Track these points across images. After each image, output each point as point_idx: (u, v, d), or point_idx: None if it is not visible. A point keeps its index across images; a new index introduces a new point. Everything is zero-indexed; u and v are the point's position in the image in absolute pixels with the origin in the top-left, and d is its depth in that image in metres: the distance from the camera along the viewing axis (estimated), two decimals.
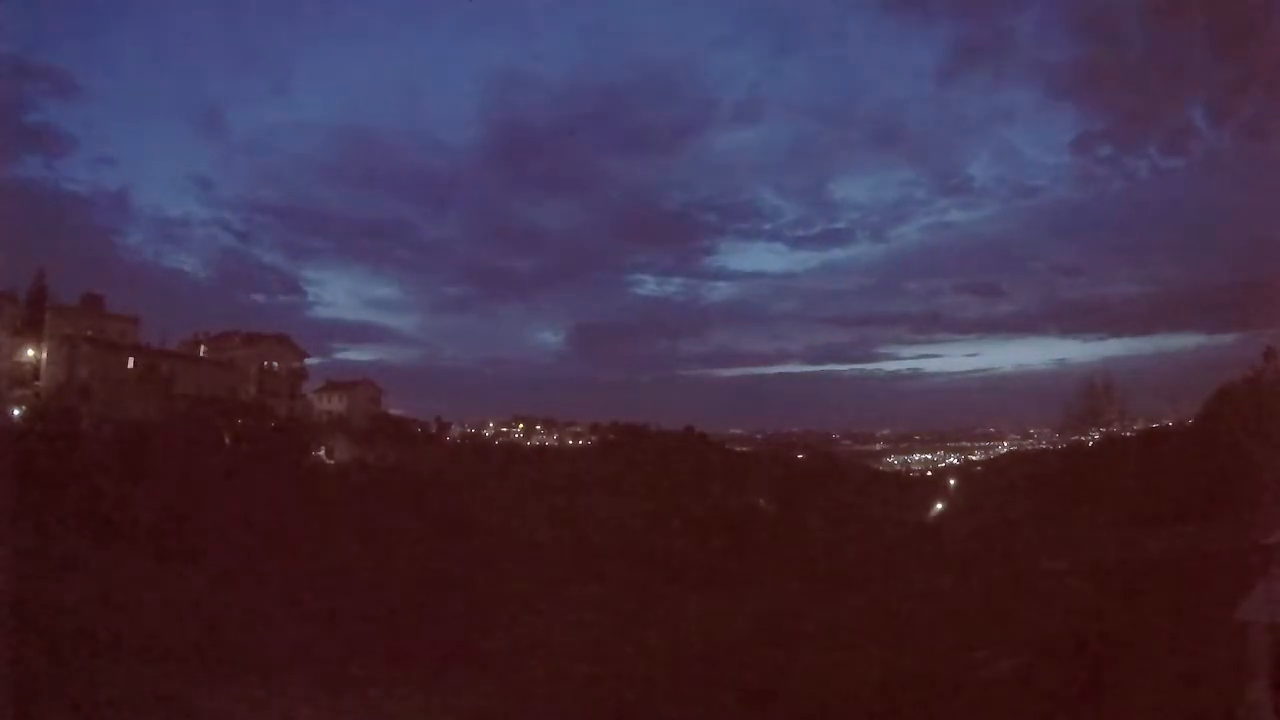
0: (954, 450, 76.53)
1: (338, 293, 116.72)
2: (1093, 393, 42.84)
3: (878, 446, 79.60)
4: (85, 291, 45.42)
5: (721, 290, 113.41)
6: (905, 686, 16.56)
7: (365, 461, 44.87)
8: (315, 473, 40.96)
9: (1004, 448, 72.69)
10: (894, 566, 31.20)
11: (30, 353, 40.89)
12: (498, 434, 67.54)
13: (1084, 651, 16.69)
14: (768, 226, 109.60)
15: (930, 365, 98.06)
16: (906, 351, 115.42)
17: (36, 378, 40.54)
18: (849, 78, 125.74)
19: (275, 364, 51.71)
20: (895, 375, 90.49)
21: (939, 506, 50.79)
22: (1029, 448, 67.22)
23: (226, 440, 40.57)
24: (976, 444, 76.44)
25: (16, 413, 34.37)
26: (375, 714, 15.87)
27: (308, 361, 54.97)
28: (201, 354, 50.28)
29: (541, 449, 63.53)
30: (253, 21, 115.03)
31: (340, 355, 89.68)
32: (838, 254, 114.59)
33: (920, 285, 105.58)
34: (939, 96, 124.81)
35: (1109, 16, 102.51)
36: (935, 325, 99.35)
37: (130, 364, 42.88)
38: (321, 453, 45.87)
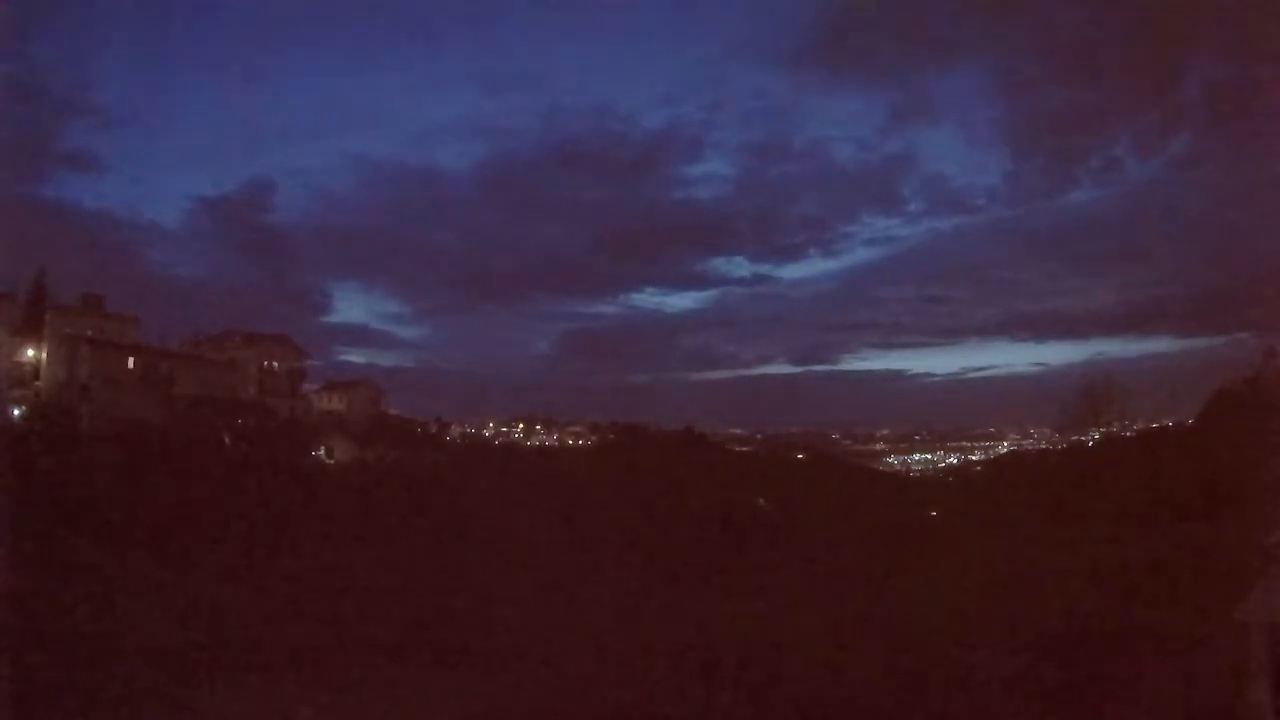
0: (954, 450, 76.63)
1: (344, 301, 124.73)
2: (1093, 393, 42.96)
3: (877, 446, 79.72)
4: (85, 291, 45.43)
5: (693, 298, 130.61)
6: (905, 686, 16.55)
7: (365, 461, 44.87)
8: (315, 473, 40.94)
9: (1004, 448, 72.79)
10: (894, 566, 31.18)
11: (30, 353, 40.88)
12: (498, 434, 67.54)
13: (1084, 651, 16.71)
14: (729, 241, 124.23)
15: (914, 367, 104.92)
16: (880, 356, 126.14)
17: (36, 378, 40.52)
18: (784, 125, 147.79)
19: (275, 364, 51.69)
20: (880, 376, 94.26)
21: (938, 506, 50.79)
22: (1029, 448, 67.33)
23: (226, 440, 40.58)
24: (976, 444, 76.54)
25: (16, 413, 34.36)
26: (375, 713, 15.87)
27: (313, 364, 55.11)
28: (201, 354, 50.26)
29: (541, 449, 63.53)
30: (270, 65, 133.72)
31: (347, 359, 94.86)
32: (795, 267, 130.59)
33: (882, 293, 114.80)
34: (872, 139, 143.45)
35: (1027, 78, 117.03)
36: (900, 330, 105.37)
37: (130, 364, 42.85)
38: (321, 453, 45.88)
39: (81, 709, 12.45)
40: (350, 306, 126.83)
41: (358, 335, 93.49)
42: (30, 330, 41.05)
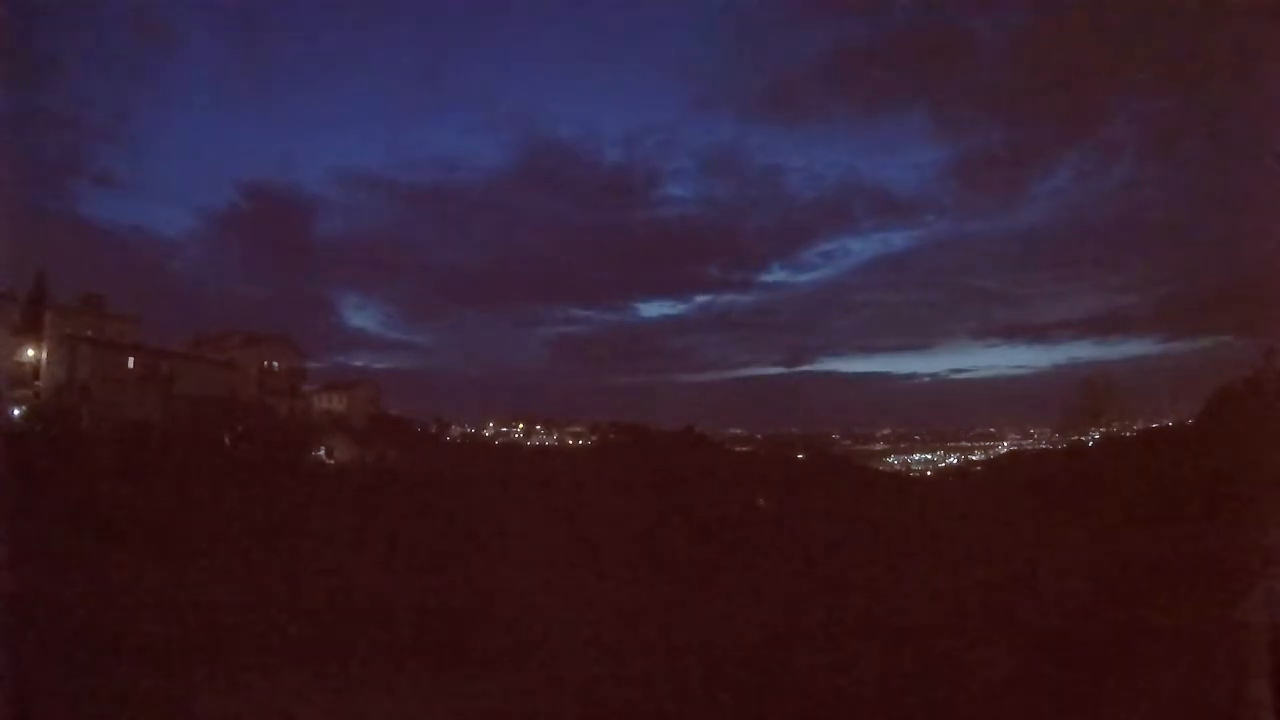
0: (954, 450, 76.72)
1: (346, 306, 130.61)
2: (1092, 393, 43.08)
3: (877, 446, 79.80)
4: (85, 291, 45.48)
5: (675, 305, 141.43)
6: (905, 686, 16.56)
7: (365, 461, 44.91)
8: (315, 472, 40.95)
9: (1004, 448, 72.88)
10: (894, 566, 31.18)
11: (30, 353, 40.90)
12: (497, 434, 67.57)
13: (1083, 651, 16.71)
14: (699, 254, 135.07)
15: (898, 369, 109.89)
16: (865, 359, 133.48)
17: (36, 378, 40.55)
18: (736, 159, 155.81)
19: (275, 364, 51.73)
20: (873, 378, 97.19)
21: (939, 505, 50.77)
22: (1029, 448, 67.44)
23: (226, 440, 40.63)
24: (976, 444, 76.66)
25: (16, 413, 34.39)
26: (375, 714, 15.87)
27: (313, 365, 55.25)
28: (201, 354, 50.26)
29: (541, 449, 63.54)
30: (280, 98, 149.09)
31: (347, 361, 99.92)
32: (764, 276, 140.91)
33: (852, 299, 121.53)
34: (820, 170, 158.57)
35: (966, 121, 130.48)
36: (877, 334, 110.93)
37: (130, 364, 42.87)
38: (321, 453, 45.91)
39: (81, 709, 12.45)
40: (352, 312, 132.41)
41: (358, 339, 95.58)
42: (30, 330, 41.09)
